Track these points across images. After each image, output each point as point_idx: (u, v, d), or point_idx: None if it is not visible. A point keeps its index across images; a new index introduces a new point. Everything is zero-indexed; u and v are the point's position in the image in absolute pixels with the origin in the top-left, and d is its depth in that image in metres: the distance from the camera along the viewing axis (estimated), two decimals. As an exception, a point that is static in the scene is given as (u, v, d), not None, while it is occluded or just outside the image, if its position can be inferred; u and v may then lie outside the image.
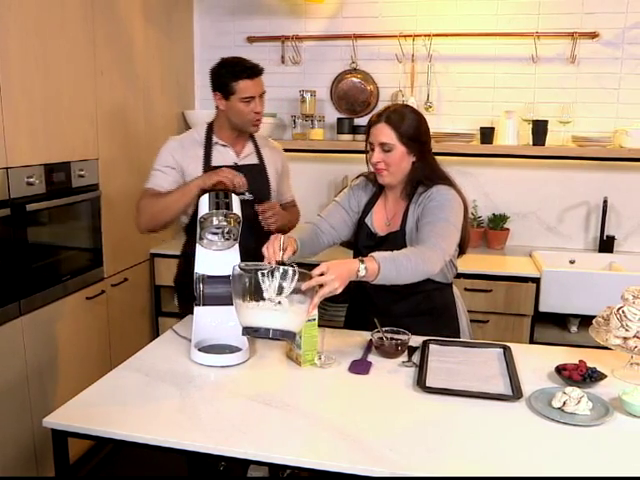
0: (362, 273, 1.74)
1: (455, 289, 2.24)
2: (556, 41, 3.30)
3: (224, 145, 2.37)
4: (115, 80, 2.93)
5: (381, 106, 3.53)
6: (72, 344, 2.73)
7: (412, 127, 1.97)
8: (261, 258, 1.84)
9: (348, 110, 3.61)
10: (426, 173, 2.02)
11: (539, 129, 3.23)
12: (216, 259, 1.94)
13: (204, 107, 3.79)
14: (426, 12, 3.42)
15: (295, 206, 2.70)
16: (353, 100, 3.58)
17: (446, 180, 2.05)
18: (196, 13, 3.74)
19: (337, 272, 1.69)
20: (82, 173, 2.71)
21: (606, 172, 3.37)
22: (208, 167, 2.32)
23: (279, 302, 1.62)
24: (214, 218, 1.87)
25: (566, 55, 3.30)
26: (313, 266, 1.71)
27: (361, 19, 3.51)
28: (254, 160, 2.43)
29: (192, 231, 2.36)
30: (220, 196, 1.91)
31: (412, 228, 2.02)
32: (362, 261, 1.75)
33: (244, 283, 1.65)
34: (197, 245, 1.94)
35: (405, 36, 3.41)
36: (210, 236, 1.90)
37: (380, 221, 2.11)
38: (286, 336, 1.64)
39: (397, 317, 2.03)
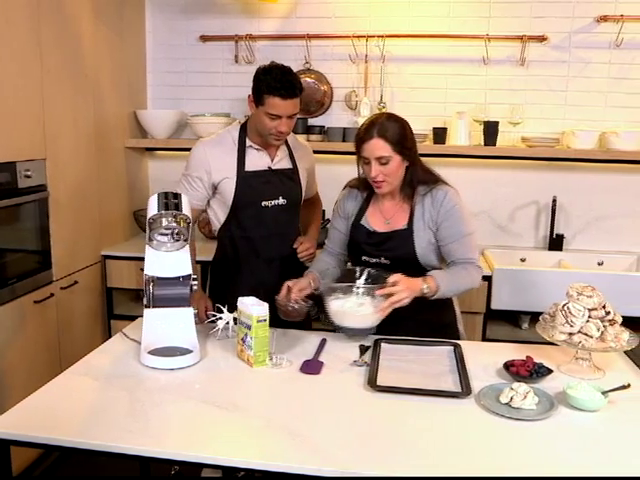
0: (425, 290, 1.94)
1: None
2: (506, 44, 3.36)
3: (258, 149, 2.35)
4: (63, 79, 2.86)
5: (335, 106, 3.59)
6: (19, 349, 2.65)
7: (402, 135, 2.03)
8: (288, 268, 2.36)
9: (302, 110, 3.59)
10: (420, 174, 2.10)
11: (490, 130, 3.29)
12: (166, 260, 1.91)
13: (156, 106, 3.74)
14: (379, 13, 3.44)
15: (318, 199, 2.77)
16: (307, 100, 3.57)
17: (439, 179, 2.13)
18: (148, 11, 3.68)
19: (406, 285, 1.90)
20: (29, 173, 2.64)
21: (555, 172, 3.45)
22: (242, 171, 2.31)
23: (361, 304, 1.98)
24: (163, 219, 1.84)
25: (516, 57, 3.37)
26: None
27: (315, 19, 3.51)
28: (288, 164, 2.43)
29: (222, 237, 2.44)
30: (169, 196, 1.89)
31: (423, 227, 2.09)
32: (424, 280, 1.95)
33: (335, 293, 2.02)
34: (146, 246, 1.90)
35: (358, 37, 3.42)
36: (159, 237, 1.87)
37: (377, 221, 2.16)
38: (361, 333, 2.00)
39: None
